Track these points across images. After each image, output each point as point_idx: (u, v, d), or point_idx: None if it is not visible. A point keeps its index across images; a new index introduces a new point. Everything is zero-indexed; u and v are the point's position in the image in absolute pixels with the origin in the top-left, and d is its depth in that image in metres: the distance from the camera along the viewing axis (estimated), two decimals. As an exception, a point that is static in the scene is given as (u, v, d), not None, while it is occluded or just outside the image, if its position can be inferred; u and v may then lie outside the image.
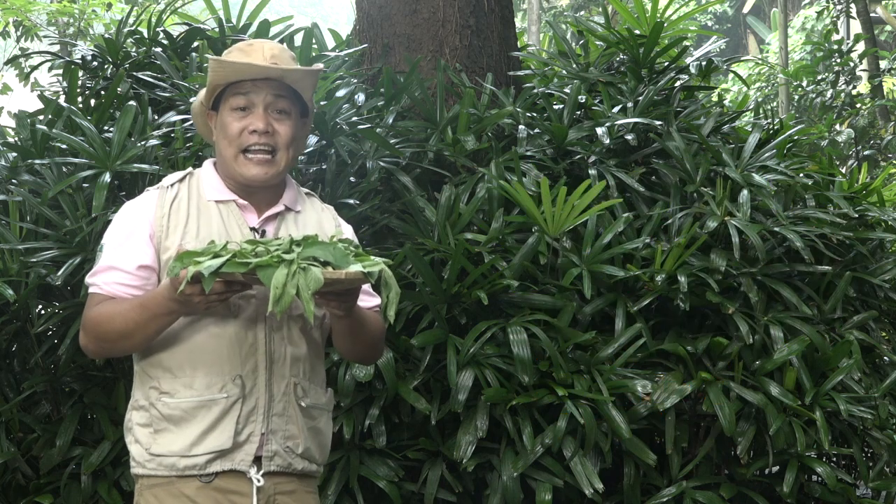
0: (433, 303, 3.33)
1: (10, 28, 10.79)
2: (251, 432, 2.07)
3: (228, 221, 2.14)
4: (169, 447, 2.05)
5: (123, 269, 2.08)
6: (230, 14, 4.53)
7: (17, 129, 3.69)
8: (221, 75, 2.12)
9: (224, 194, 2.17)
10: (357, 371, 3.19)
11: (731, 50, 25.05)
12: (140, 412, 2.10)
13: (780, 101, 11.98)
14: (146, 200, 2.16)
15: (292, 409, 2.13)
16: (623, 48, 4.47)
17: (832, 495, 3.43)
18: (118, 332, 2.03)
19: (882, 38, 17.05)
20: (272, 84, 2.13)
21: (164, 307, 1.97)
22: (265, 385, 2.09)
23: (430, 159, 3.80)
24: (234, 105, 2.13)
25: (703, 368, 3.44)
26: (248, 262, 1.83)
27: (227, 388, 2.06)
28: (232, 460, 2.06)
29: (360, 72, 4.37)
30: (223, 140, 2.14)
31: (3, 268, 3.23)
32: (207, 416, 2.05)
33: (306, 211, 2.25)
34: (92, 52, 4.24)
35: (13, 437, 3.30)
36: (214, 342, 2.07)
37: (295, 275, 1.82)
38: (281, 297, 1.80)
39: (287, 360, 2.12)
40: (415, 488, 3.29)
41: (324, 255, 1.89)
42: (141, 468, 2.08)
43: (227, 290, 1.91)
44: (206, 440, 2.04)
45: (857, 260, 3.99)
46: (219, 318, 2.07)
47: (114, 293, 2.07)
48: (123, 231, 2.12)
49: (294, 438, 2.12)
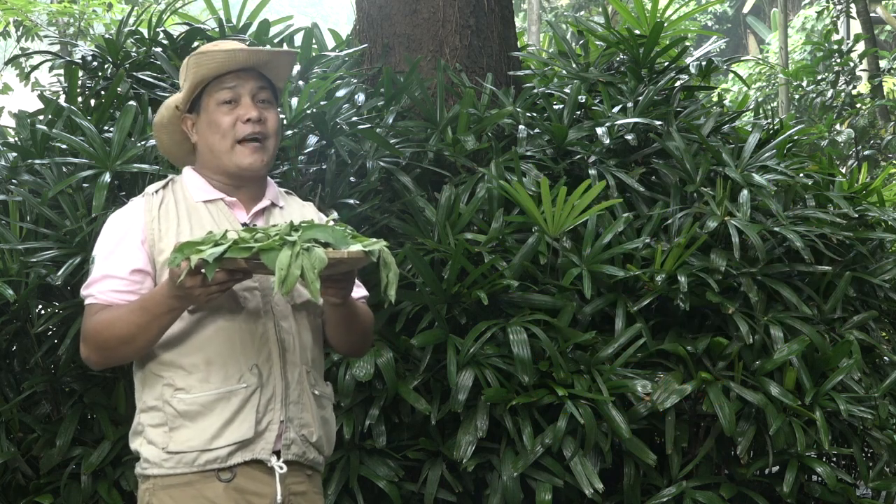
0: (433, 303, 3.33)
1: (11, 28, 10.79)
2: (270, 420, 2.08)
3: (219, 220, 2.14)
4: (188, 443, 2.03)
5: (117, 275, 2.07)
6: (230, 14, 4.52)
7: (17, 129, 3.69)
8: (210, 68, 2.12)
9: (211, 194, 2.17)
10: (357, 371, 3.19)
11: (731, 50, 25.05)
12: (151, 413, 2.08)
13: (780, 101, 11.98)
14: (133, 208, 2.15)
15: (306, 397, 2.14)
16: (623, 48, 4.47)
17: (832, 495, 3.43)
18: (120, 338, 2.02)
19: (882, 38, 17.05)
20: (254, 74, 2.15)
21: (164, 305, 1.96)
22: (280, 373, 2.10)
23: (430, 159, 3.80)
24: (220, 99, 2.13)
25: (703, 368, 3.44)
26: (250, 247, 1.83)
27: (245, 378, 2.06)
28: (253, 450, 2.06)
29: (360, 72, 4.37)
30: (215, 136, 2.13)
31: (3, 268, 3.23)
32: (227, 408, 2.04)
33: (289, 206, 2.28)
34: (92, 52, 4.24)
35: (13, 437, 3.30)
36: (225, 335, 2.07)
37: (299, 255, 1.82)
38: (286, 277, 1.80)
39: (297, 348, 2.14)
40: (415, 488, 3.29)
41: (324, 236, 1.89)
42: (157, 468, 2.06)
43: (228, 278, 1.90)
44: (227, 431, 2.04)
45: (857, 260, 3.98)
46: (226, 311, 2.07)
47: (110, 301, 2.06)
48: (113, 239, 2.11)
49: (308, 426, 2.14)
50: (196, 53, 2.13)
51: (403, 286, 3.41)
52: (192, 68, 2.12)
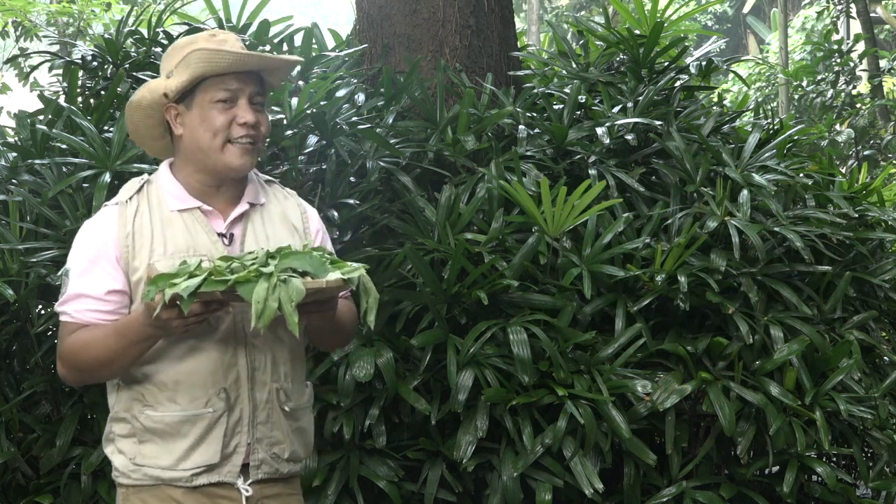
0: (433, 303, 3.33)
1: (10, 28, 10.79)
2: (237, 444, 2.06)
3: (195, 230, 2.08)
4: (154, 460, 2.03)
5: (93, 295, 2.03)
6: (230, 14, 4.52)
7: (17, 129, 3.69)
8: (219, 66, 2.05)
9: (187, 202, 2.10)
10: (357, 371, 3.19)
11: (731, 50, 25.05)
12: (121, 423, 2.08)
13: (780, 101, 11.98)
14: (106, 220, 2.09)
15: (276, 416, 2.11)
16: (623, 48, 4.47)
17: (832, 495, 3.43)
18: (97, 360, 2.00)
19: (882, 37, 17.05)
20: (254, 77, 2.11)
21: (141, 333, 1.94)
22: (248, 395, 2.07)
23: (430, 159, 3.80)
24: (215, 97, 2.06)
25: (703, 368, 3.44)
26: (226, 280, 1.80)
27: (211, 403, 2.03)
28: (219, 473, 2.04)
29: (360, 72, 4.37)
30: (206, 133, 2.06)
31: (3, 268, 3.23)
32: (193, 431, 2.02)
33: (270, 202, 2.20)
34: (92, 52, 4.24)
35: (13, 437, 3.30)
36: (196, 356, 2.03)
37: (276, 287, 1.79)
38: (263, 311, 1.78)
39: (268, 366, 2.10)
40: (415, 488, 3.29)
41: (301, 265, 1.86)
42: (125, 478, 2.06)
43: (205, 310, 1.87)
44: (193, 455, 2.02)
45: (857, 260, 3.98)
46: (198, 332, 2.02)
47: (86, 321, 2.03)
48: (87, 255, 2.06)
49: (279, 444, 2.11)
50: (201, 48, 2.05)
51: (403, 286, 3.41)
52: (196, 62, 2.04)
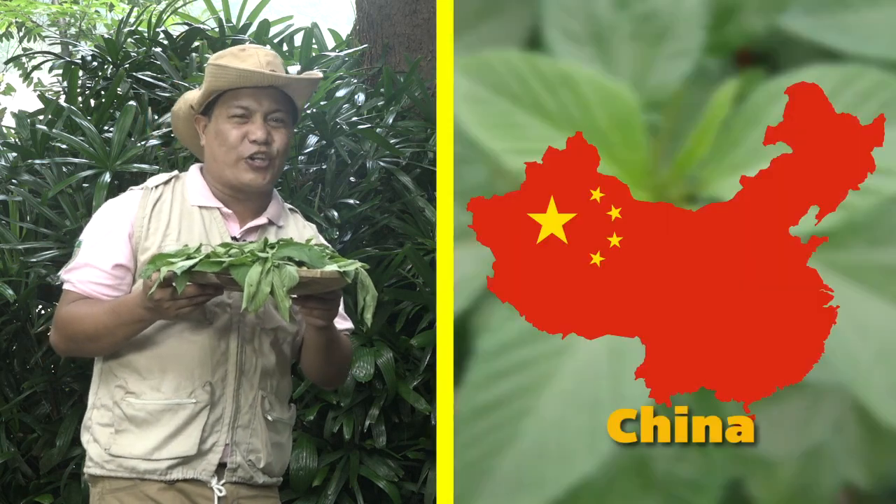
0: (433, 303, 3.32)
1: (13, 28, 10.82)
2: (215, 442, 2.04)
3: (210, 228, 2.10)
4: (129, 449, 2.01)
5: (99, 267, 2.05)
6: (230, 14, 4.52)
7: (18, 129, 3.69)
8: (225, 81, 2.07)
9: (209, 201, 2.12)
10: (357, 371, 3.19)
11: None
12: (102, 411, 2.06)
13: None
14: (129, 200, 2.12)
15: (258, 422, 2.10)
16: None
17: (833, 495, 3.43)
18: (86, 335, 2.01)
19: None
20: (271, 92, 2.10)
21: (134, 314, 1.95)
22: (233, 395, 2.06)
23: (430, 159, 3.80)
24: (231, 112, 2.08)
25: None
26: (221, 262, 1.81)
27: (196, 394, 2.02)
28: (194, 469, 2.03)
29: (360, 72, 4.37)
30: (221, 147, 2.09)
31: (3, 268, 3.23)
32: (173, 421, 2.01)
33: (288, 227, 2.21)
34: (92, 53, 4.24)
35: (13, 437, 3.31)
36: (187, 347, 2.03)
37: (269, 272, 1.79)
38: (255, 294, 1.78)
39: (257, 371, 2.09)
40: (415, 488, 3.28)
41: (299, 255, 1.86)
42: (99, 469, 2.04)
43: (199, 293, 1.87)
44: (170, 445, 2.01)
45: (857, 260, 3.98)
46: (194, 324, 2.03)
47: (87, 292, 2.04)
48: (103, 229, 2.09)
49: (257, 452, 2.09)
50: (214, 63, 2.08)
51: (403, 286, 3.41)
52: (208, 77, 2.08)
